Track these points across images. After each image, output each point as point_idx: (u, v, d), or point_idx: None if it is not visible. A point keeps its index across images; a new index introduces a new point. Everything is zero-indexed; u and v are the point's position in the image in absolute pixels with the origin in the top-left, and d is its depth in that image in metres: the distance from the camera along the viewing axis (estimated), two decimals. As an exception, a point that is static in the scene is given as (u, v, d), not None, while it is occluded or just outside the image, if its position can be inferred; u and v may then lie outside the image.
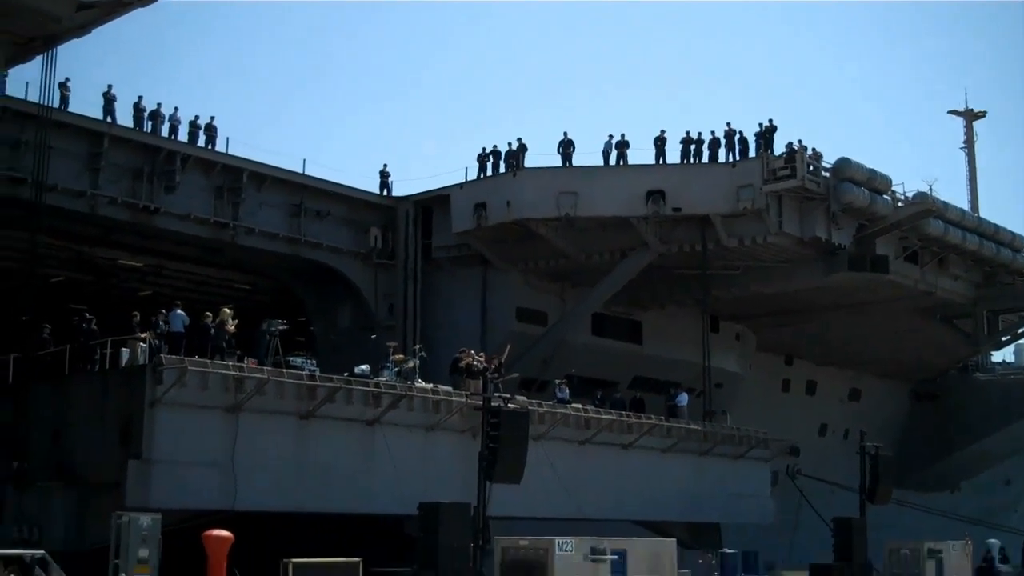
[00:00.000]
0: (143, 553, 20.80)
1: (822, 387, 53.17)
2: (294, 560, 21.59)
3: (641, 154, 39.26)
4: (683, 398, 37.21)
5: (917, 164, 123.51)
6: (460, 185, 40.00)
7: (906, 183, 40.54)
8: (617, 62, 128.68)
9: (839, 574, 31.17)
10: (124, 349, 26.57)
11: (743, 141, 38.43)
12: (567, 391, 34.15)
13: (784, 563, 36.97)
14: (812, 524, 36.67)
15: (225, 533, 21.52)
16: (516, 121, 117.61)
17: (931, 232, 40.88)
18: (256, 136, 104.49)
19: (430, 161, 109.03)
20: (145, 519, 21.12)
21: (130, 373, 25.53)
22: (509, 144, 40.00)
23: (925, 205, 39.85)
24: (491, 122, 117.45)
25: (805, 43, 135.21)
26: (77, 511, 25.00)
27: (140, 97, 35.86)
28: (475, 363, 31.50)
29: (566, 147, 39.64)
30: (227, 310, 28.41)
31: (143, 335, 26.43)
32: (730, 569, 32.23)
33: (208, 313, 28.16)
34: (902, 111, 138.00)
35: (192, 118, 37.13)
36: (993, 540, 40.11)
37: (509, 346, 33.93)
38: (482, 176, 40.08)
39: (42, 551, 19.39)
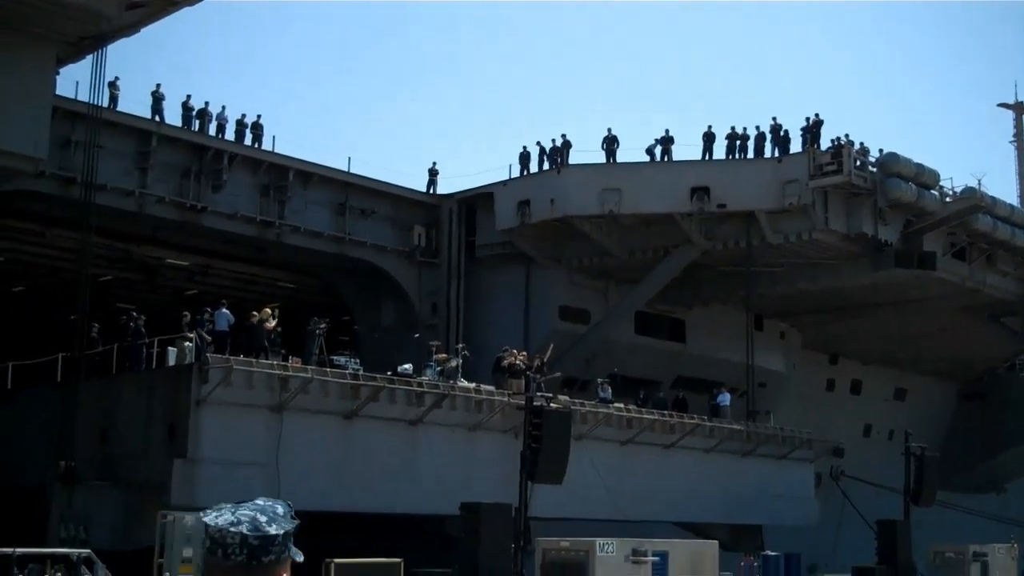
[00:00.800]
0: (187, 552, 21.07)
1: (867, 386, 52.67)
2: (336, 560, 21.77)
3: (686, 150, 39.23)
4: (725, 398, 37.12)
5: (966, 158, 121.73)
6: (504, 182, 40.05)
7: (954, 178, 40.11)
8: (663, 56, 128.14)
9: (882, 577, 30.93)
10: (171, 348, 26.94)
11: (787, 137, 38.21)
12: (609, 391, 34.19)
13: (827, 566, 36.67)
14: (855, 526, 36.45)
15: (268, 533, 21.72)
16: (560, 117, 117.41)
17: (979, 228, 40.36)
18: (302, 134, 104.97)
19: (474, 158, 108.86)
20: (190, 518, 21.35)
21: (176, 372, 25.95)
22: (553, 141, 40.06)
23: (973, 200, 39.39)
24: (535, 118, 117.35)
25: (852, 36, 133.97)
26: (124, 510, 25.39)
27: (188, 96, 36.35)
28: (517, 362, 31.59)
29: (610, 143, 39.57)
30: (267, 309, 28.73)
31: (189, 334, 26.77)
32: (772, 571, 32.05)
33: (254, 313, 28.48)
34: (951, 104, 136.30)
35: (239, 117, 37.54)
36: (1039, 543, 39.65)
37: (552, 345, 33.99)
38: (526, 173, 40.11)
39: (88, 550, 19.77)
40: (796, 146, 38.04)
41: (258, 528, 3.01)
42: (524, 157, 40.31)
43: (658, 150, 39.27)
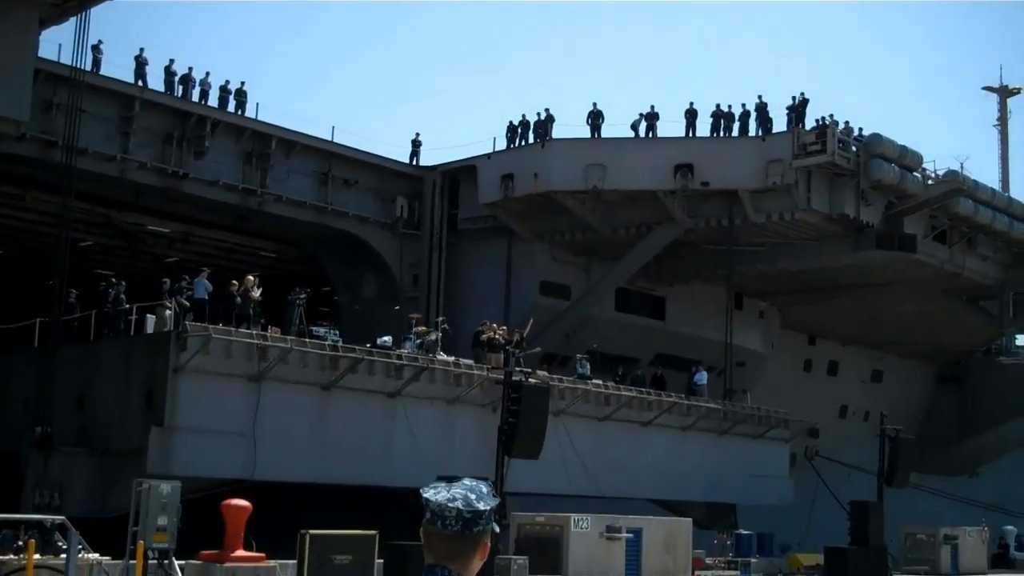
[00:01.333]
0: (162, 521, 20.99)
1: (844, 368, 52.89)
2: (311, 531, 21.78)
3: (671, 127, 39.20)
4: (702, 377, 37.20)
5: (949, 141, 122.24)
6: (488, 155, 39.88)
7: (937, 160, 40.33)
8: (649, 32, 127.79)
9: (854, 557, 31.09)
10: (150, 316, 26.84)
11: (770, 117, 38.20)
12: (588, 367, 34.23)
13: (800, 545, 36.92)
14: (829, 506, 36.70)
15: (243, 503, 21.75)
16: (545, 91, 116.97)
17: (961, 211, 40.46)
18: (286, 103, 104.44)
19: (458, 131, 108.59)
20: (165, 487, 21.26)
21: (155, 340, 25.86)
22: (538, 115, 39.90)
23: (955, 183, 39.45)
24: (521, 92, 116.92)
25: (837, 17, 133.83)
26: (99, 477, 25.36)
27: (172, 61, 36.10)
28: (496, 336, 31.58)
29: (595, 118, 39.46)
30: (251, 278, 28.60)
31: (167, 302, 26.66)
32: (745, 550, 32.33)
33: (234, 281, 28.37)
34: (935, 87, 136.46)
35: (223, 83, 37.34)
36: (1010, 527, 40.13)
37: (532, 320, 33.99)
38: (510, 147, 39.98)
39: (62, 517, 19.71)
40: (780, 125, 38.07)
41: (470, 504, 3.64)
42: (512, 129, 40.17)
43: (643, 126, 39.20)
